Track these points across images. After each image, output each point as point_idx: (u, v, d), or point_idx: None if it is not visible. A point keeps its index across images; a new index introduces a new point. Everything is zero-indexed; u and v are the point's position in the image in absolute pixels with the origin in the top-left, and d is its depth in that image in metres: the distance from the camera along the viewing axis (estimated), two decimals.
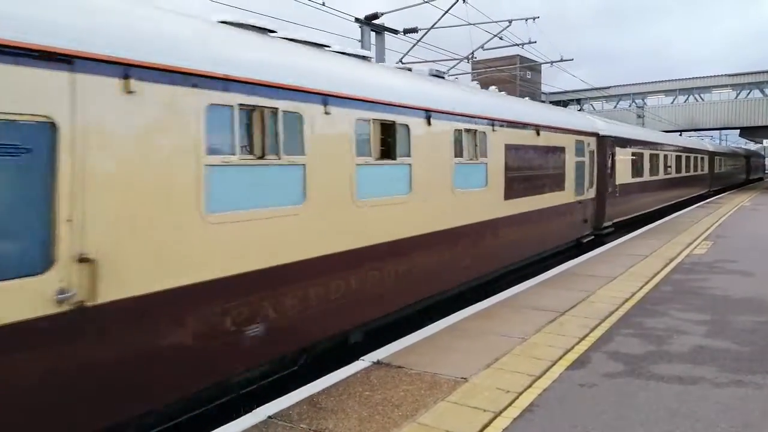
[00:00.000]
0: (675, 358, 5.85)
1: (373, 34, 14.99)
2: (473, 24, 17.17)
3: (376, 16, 14.89)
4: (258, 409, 4.66)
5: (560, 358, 5.87)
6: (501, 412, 4.60)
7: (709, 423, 4.37)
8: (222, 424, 4.42)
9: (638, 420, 4.44)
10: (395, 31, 15.74)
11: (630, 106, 51.81)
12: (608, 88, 52.99)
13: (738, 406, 4.67)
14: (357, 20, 14.57)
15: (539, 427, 4.35)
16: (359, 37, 14.82)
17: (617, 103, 56.19)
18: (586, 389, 5.08)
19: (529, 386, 5.13)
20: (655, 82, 55.26)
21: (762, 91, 49.59)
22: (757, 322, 7.11)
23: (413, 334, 6.71)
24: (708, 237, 15.18)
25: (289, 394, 4.95)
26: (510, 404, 4.75)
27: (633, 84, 55.68)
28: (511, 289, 9.10)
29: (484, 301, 8.31)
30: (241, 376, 5.32)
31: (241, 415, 4.60)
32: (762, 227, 17.67)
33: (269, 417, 4.52)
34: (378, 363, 5.74)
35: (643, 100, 52.90)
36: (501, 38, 17.67)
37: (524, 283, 9.56)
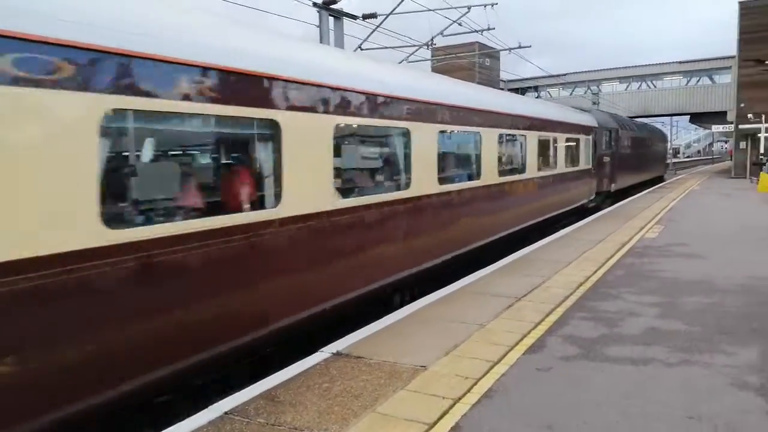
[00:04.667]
0: (628, 340, 6.00)
1: (331, 19, 14.76)
2: (432, 10, 17.13)
3: (334, 0, 14.66)
4: (214, 404, 4.55)
5: (517, 343, 5.95)
6: (460, 399, 4.63)
7: (661, 402, 4.50)
8: (176, 422, 4.30)
9: (593, 402, 4.53)
10: (354, 17, 15.54)
11: (585, 93, 52.82)
12: (564, 75, 53.88)
13: (688, 385, 4.81)
14: (315, 5, 14.31)
15: (497, 412, 4.39)
16: (317, 23, 14.58)
17: (573, 91, 57.23)
18: (543, 373, 5.16)
19: (488, 372, 5.17)
20: (610, 69, 56.51)
21: (711, 78, 51.31)
22: (706, 303, 7.36)
23: (374, 323, 6.68)
24: (659, 221, 15.66)
25: (246, 389, 4.85)
26: (468, 390, 4.78)
27: (588, 71, 56.81)
28: (471, 275, 9.18)
29: (445, 288, 8.36)
30: None
31: (196, 412, 4.47)
32: (710, 210, 18.35)
33: (225, 413, 4.41)
34: (338, 354, 5.69)
35: (598, 87, 54.04)
36: (460, 24, 17.71)
37: (483, 269, 9.66)
